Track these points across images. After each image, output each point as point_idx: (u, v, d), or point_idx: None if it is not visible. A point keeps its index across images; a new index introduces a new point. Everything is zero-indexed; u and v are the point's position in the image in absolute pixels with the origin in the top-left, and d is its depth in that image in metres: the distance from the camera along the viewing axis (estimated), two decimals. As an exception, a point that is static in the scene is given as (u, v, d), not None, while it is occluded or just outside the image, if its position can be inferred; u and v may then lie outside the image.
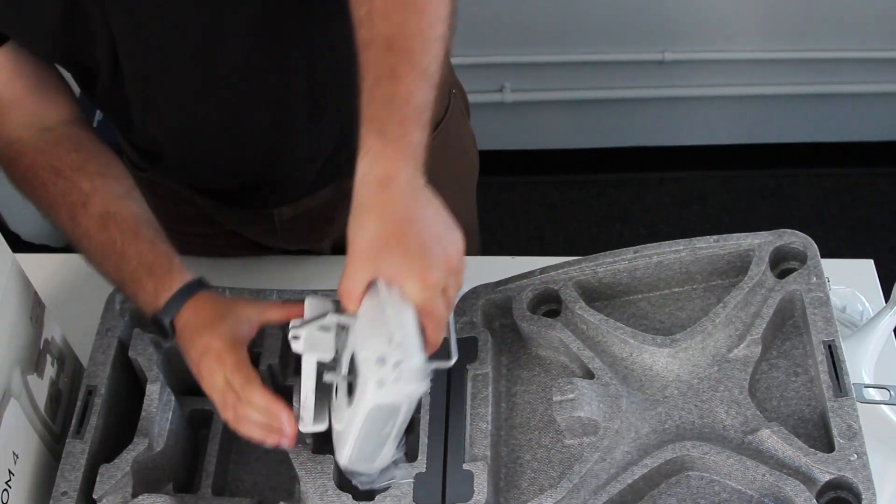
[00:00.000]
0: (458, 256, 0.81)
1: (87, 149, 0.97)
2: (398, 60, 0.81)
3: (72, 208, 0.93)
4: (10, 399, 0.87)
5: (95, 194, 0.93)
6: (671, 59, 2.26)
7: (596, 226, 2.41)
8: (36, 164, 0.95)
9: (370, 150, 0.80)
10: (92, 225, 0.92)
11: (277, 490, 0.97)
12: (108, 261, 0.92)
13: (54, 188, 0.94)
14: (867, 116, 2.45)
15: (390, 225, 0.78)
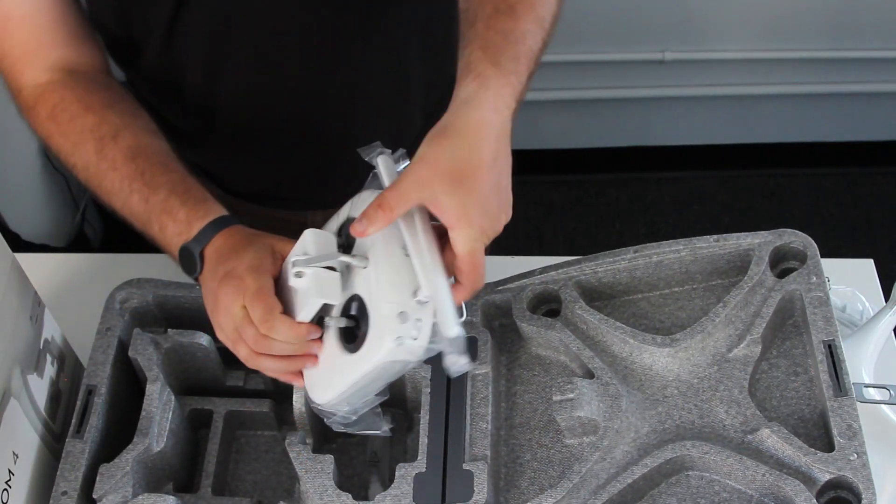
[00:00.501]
0: (504, 221, 0.79)
1: (116, 91, 0.96)
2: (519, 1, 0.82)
3: (101, 141, 0.90)
4: (10, 399, 0.87)
5: (126, 129, 0.91)
6: (671, 58, 2.26)
7: (595, 225, 2.41)
8: (66, 99, 0.93)
9: (481, 75, 0.77)
10: (120, 156, 0.89)
11: (277, 490, 0.97)
12: (134, 193, 0.88)
13: (83, 122, 0.91)
14: (867, 116, 2.45)
15: (472, 159, 0.75)
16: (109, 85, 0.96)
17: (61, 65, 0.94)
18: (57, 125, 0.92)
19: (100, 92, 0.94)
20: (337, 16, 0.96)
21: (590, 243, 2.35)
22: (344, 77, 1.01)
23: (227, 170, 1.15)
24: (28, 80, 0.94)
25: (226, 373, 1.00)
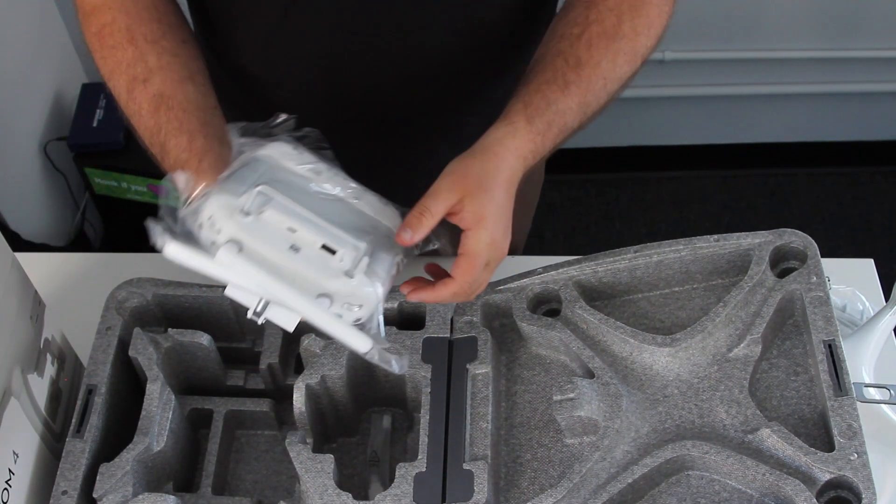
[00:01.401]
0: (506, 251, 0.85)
1: (167, 21, 0.95)
2: (576, 81, 0.88)
3: (132, 81, 0.91)
4: (10, 398, 0.87)
5: (159, 73, 0.91)
6: (671, 58, 2.26)
7: (596, 225, 2.41)
8: (115, 23, 0.92)
9: (513, 124, 0.85)
10: (145, 105, 0.90)
11: (277, 489, 0.97)
12: (153, 146, 0.90)
13: (122, 54, 0.91)
14: (867, 115, 2.45)
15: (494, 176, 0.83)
16: (163, 14, 0.95)
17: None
18: (100, 47, 0.93)
19: (150, 23, 0.93)
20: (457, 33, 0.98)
21: (590, 243, 2.35)
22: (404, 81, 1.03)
23: None
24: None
25: (226, 372, 1.00)
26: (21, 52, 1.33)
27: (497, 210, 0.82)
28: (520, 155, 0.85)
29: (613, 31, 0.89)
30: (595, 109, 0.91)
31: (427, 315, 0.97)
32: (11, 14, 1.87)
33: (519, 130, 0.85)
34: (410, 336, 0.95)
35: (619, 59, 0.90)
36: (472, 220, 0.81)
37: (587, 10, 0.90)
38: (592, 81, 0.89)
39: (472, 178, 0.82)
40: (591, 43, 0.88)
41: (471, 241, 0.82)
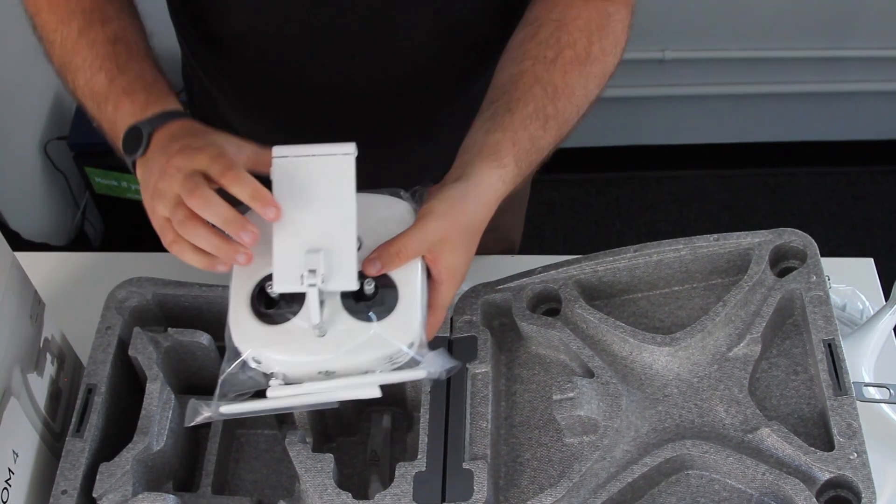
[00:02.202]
0: None
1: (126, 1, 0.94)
2: (554, 115, 0.88)
3: (89, 22, 0.89)
4: (10, 398, 0.87)
5: (118, 20, 0.90)
6: (671, 57, 2.26)
7: (595, 224, 2.41)
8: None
9: (505, 168, 0.85)
10: (101, 37, 0.89)
11: (277, 489, 0.97)
12: (101, 71, 0.87)
13: (77, 3, 0.90)
14: (867, 115, 2.45)
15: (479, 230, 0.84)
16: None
17: None
18: (49, 1, 0.91)
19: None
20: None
21: (590, 242, 2.35)
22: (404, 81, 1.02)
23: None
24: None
25: (226, 372, 1.00)
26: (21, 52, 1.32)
27: (467, 264, 0.83)
28: (500, 198, 0.85)
29: (585, 55, 0.90)
30: (565, 136, 0.91)
31: (427, 314, 0.97)
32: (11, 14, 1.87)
33: (508, 175, 0.85)
34: (410, 335, 0.95)
35: (590, 83, 0.91)
36: (447, 275, 0.81)
37: (558, 32, 0.90)
38: (568, 112, 0.89)
39: (458, 230, 0.82)
40: (566, 69, 0.89)
41: (442, 296, 0.82)
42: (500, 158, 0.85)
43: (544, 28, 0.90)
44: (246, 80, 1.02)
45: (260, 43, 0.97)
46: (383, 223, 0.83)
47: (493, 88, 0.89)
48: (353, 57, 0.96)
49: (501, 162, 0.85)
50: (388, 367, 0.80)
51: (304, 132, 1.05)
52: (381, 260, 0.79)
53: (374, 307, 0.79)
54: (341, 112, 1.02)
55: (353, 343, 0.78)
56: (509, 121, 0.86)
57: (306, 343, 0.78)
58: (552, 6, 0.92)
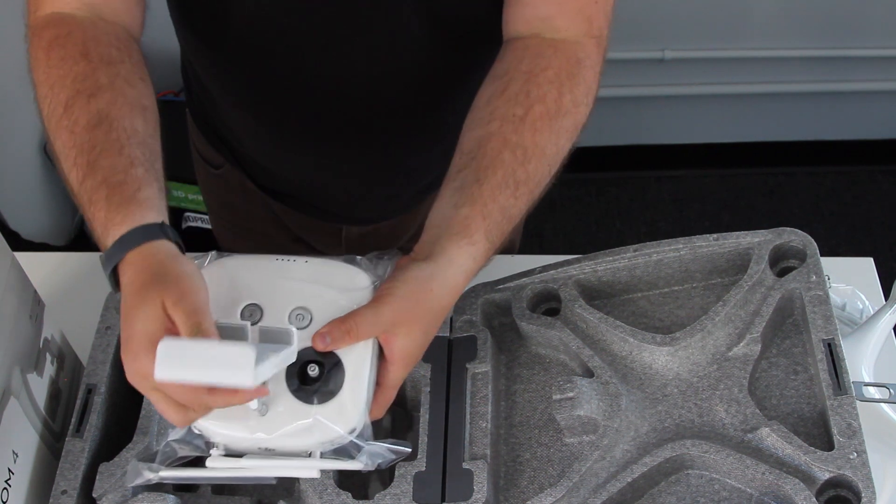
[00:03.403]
0: None
1: (128, 53, 0.89)
2: (525, 180, 0.85)
3: (76, 95, 0.84)
4: (9, 398, 0.87)
5: (109, 92, 0.84)
6: (671, 57, 2.26)
7: (595, 224, 2.41)
8: (71, 36, 0.86)
9: (475, 245, 0.81)
10: (83, 119, 0.82)
11: (277, 489, 0.97)
12: (74, 169, 0.82)
13: (72, 67, 0.85)
14: (867, 114, 2.45)
15: (440, 316, 0.80)
16: (126, 45, 0.90)
17: (95, 10, 0.89)
18: (47, 58, 0.86)
19: (109, 47, 0.87)
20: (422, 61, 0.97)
21: (590, 242, 2.35)
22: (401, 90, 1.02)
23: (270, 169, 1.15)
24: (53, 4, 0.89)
25: (225, 372, 1.00)
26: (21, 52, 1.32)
27: (424, 346, 0.80)
28: (471, 276, 0.82)
29: (556, 109, 0.87)
30: (538, 197, 0.88)
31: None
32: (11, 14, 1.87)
33: (479, 251, 0.82)
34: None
35: (561, 139, 0.88)
36: (399, 357, 0.78)
37: (527, 86, 0.86)
38: (539, 173, 0.86)
39: (417, 315, 0.78)
40: (536, 127, 0.85)
41: (392, 377, 0.79)
42: (470, 235, 0.81)
43: (513, 83, 0.87)
44: (243, 77, 1.02)
45: (258, 40, 0.97)
46: (337, 294, 0.80)
47: (460, 153, 0.86)
48: (352, 51, 0.96)
49: (472, 239, 0.81)
50: (329, 448, 0.78)
51: (301, 130, 1.06)
52: (331, 336, 0.77)
53: (319, 388, 0.77)
54: (339, 110, 1.02)
55: (291, 426, 0.77)
56: (478, 193, 0.83)
57: (246, 419, 0.77)
58: (521, 56, 0.89)
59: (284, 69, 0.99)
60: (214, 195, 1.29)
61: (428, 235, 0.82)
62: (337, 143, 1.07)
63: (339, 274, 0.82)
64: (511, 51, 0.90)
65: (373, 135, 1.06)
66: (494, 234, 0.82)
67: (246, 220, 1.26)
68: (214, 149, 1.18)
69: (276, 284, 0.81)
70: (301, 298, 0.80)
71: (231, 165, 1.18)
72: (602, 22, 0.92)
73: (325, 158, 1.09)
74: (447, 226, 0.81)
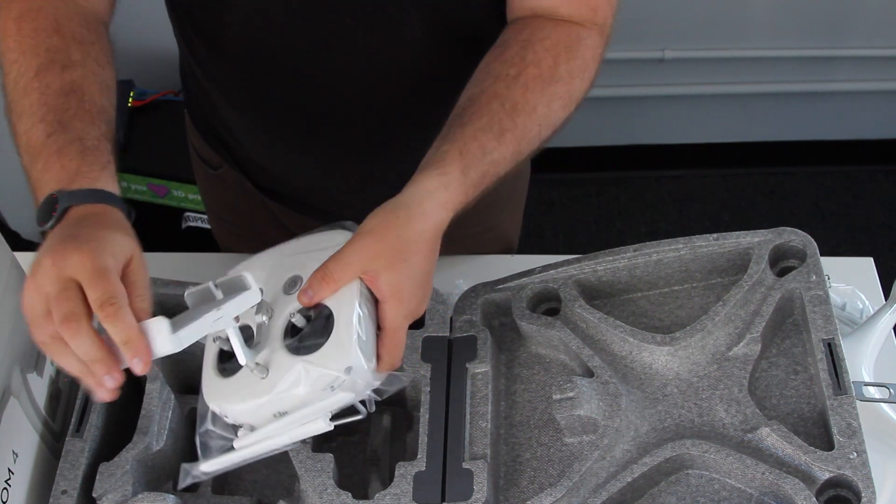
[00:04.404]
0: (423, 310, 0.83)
1: (97, 36, 0.89)
2: (511, 128, 0.85)
3: (50, 64, 0.84)
4: (9, 398, 0.88)
5: (80, 67, 0.84)
6: (671, 57, 2.26)
7: (595, 224, 2.41)
8: (43, 11, 0.86)
9: (447, 174, 0.81)
10: (56, 85, 0.83)
11: (277, 488, 0.97)
12: (42, 122, 0.81)
13: (46, 39, 0.85)
14: (867, 114, 2.45)
15: (416, 242, 0.79)
16: (95, 29, 0.90)
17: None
18: (18, 28, 0.86)
19: (79, 27, 0.88)
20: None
21: (590, 242, 2.35)
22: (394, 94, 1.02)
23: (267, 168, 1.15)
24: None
25: (225, 372, 1.00)
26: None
27: (415, 280, 0.79)
28: (449, 208, 0.82)
29: (549, 74, 0.87)
30: (527, 156, 0.88)
31: (426, 314, 0.97)
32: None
33: (452, 182, 0.81)
34: (410, 335, 0.95)
35: (554, 103, 0.88)
36: (389, 293, 0.78)
37: (523, 51, 0.88)
38: (528, 128, 0.86)
39: (390, 244, 0.78)
40: (528, 86, 0.86)
41: (389, 316, 0.79)
42: (443, 167, 0.82)
43: (511, 48, 0.88)
44: (241, 77, 1.03)
45: (255, 38, 0.97)
46: (323, 256, 0.81)
47: (453, 111, 0.87)
48: (350, 51, 0.96)
49: (444, 170, 0.82)
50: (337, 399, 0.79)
51: (298, 128, 1.06)
52: (312, 289, 0.78)
53: (311, 338, 0.78)
54: (336, 108, 1.03)
55: (286, 380, 0.78)
56: (460, 134, 0.84)
57: (252, 387, 0.79)
58: (522, 27, 0.90)
59: (282, 68, 0.99)
60: (213, 196, 1.29)
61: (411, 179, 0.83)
62: (333, 142, 1.07)
63: (325, 238, 0.84)
64: (512, 26, 0.91)
65: (369, 134, 1.06)
66: (471, 169, 0.82)
67: (244, 220, 1.26)
68: (213, 149, 1.18)
69: (273, 266, 0.83)
70: (293, 269, 0.82)
71: (229, 166, 1.18)
72: (606, 11, 0.93)
73: (321, 157, 1.09)
74: (425, 163, 0.83)
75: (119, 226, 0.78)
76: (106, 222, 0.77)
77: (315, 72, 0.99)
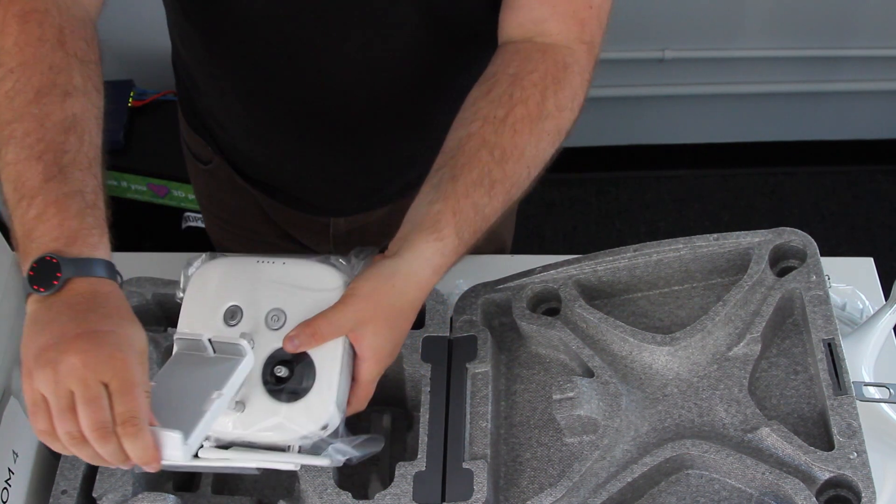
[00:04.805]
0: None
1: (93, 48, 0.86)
2: (501, 179, 0.85)
3: (51, 86, 0.80)
4: (10, 397, 0.88)
5: (81, 97, 0.81)
6: (671, 56, 2.26)
7: (595, 224, 2.41)
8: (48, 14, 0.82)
9: (443, 240, 0.82)
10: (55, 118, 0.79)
11: (277, 489, 0.97)
12: (39, 163, 0.77)
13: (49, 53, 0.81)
14: (867, 114, 2.45)
15: (407, 312, 0.82)
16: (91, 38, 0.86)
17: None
18: (21, 30, 0.81)
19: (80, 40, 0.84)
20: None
21: (590, 242, 2.35)
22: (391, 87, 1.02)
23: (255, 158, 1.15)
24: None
25: (225, 372, 1.00)
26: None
27: (395, 342, 0.83)
28: (441, 272, 0.83)
29: (538, 112, 0.87)
30: (517, 198, 0.89)
31: (426, 314, 0.97)
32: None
33: (448, 247, 0.83)
34: (410, 335, 0.95)
35: (542, 142, 0.88)
36: (370, 354, 0.81)
37: (511, 88, 0.87)
38: (517, 174, 0.87)
39: (382, 312, 0.80)
40: (516, 128, 0.86)
41: (364, 374, 0.82)
42: (439, 230, 0.82)
43: (498, 85, 0.88)
44: (235, 64, 1.02)
45: (253, 27, 0.97)
46: (309, 294, 0.83)
47: (441, 153, 0.87)
48: (345, 45, 0.96)
49: (440, 234, 0.82)
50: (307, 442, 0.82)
51: (289, 116, 1.06)
52: (298, 339, 0.80)
53: (292, 387, 0.81)
54: (330, 100, 1.03)
55: (264, 423, 0.81)
56: (452, 189, 0.84)
57: (229, 415, 0.81)
58: (510, 60, 0.90)
59: (277, 57, 0.99)
60: (204, 192, 1.30)
61: (401, 232, 0.84)
62: (324, 134, 1.07)
63: (312, 275, 0.85)
64: (501, 55, 0.91)
65: (361, 127, 1.06)
66: (465, 230, 0.84)
67: (235, 216, 1.26)
68: (203, 140, 1.18)
69: (255, 287, 0.84)
70: (277, 300, 0.83)
71: (220, 159, 1.18)
72: (595, 28, 0.93)
73: (310, 148, 1.09)
74: (419, 222, 0.83)
75: (128, 311, 0.76)
76: (118, 309, 0.75)
77: (308, 64, 0.99)
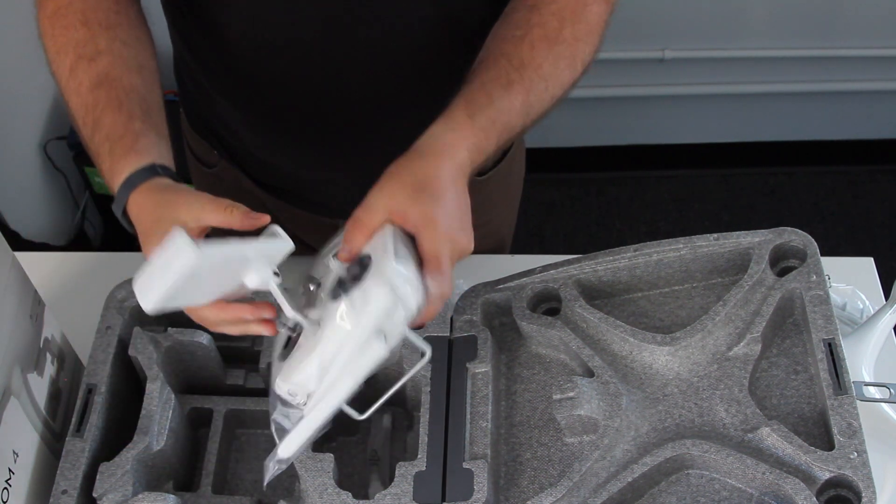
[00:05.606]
0: (469, 247, 0.83)
1: (125, 12, 0.94)
2: (519, 80, 0.87)
3: (78, 59, 0.90)
4: (10, 397, 0.88)
5: (107, 55, 0.90)
6: (671, 56, 2.26)
7: (596, 224, 2.41)
8: (71, 5, 0.92)
9: (453, 120, 0.84)
10: (86, 81, 0.90)
11: (277, 488, 0.97)
12: (84, 128, 0.90)
13: (73, 34, 0.91)
14: (867, 114, 2.45)
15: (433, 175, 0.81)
16: (125, 8, 0.95)
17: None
18: (52, 27, 0.92)
19: (107, 11, 0.93)
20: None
21: (590, 242, 2.35)
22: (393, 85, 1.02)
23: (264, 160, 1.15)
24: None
25: (226, 371, 1.00)
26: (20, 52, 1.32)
27: (446, 211, 0.80)
28: (462, 147, 0.83)
29: (555, 36, 0.89)
30: (538, 112, 0.89)
31: (427, 314, 0.97)
32: (11, 14, 1.87)
33: (459, 126, 0.84)
34: (410, 335, 0.95)
35: (560, 63, 0.90)
36: (421, 223, 0.79)
37: (529, 14, 0.90)
38: (535, 82, 0.88)
39: (410, 183, 0.80)
40: (534, 45, 0.88)
41: (426, 243, 0.79)
42: (447, 114, 0.84)
43: (517, 11, 0.91)
44: (241, 68, 1.02)
45: (256, 29, 0.97)
46: None
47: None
48: (352, 43, 0.96)
49: (449, 115, 0.84)
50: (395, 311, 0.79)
51: (297, 119, 1.06)
52: (346, 242, 0.80)
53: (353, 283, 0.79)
54: (337, 98, 1.03)
55: (334, 319, 0.78)
56: (467, 88, 0.86)
57: (306, 348, 0.80)
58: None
59: (283, 59, 0.99)
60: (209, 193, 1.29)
61: None
62: (332, 133, 1.07)
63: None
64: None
65: (368, 127, 1.06)
66: (478, 115, 0.84)
67: None
68: (209, 144, 1.18)
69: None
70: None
71: (226, 162, 1.18)
72: None
73: (318, 148, 1.09)
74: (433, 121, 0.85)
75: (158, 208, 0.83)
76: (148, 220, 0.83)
77: (317, 62, 0.99)
